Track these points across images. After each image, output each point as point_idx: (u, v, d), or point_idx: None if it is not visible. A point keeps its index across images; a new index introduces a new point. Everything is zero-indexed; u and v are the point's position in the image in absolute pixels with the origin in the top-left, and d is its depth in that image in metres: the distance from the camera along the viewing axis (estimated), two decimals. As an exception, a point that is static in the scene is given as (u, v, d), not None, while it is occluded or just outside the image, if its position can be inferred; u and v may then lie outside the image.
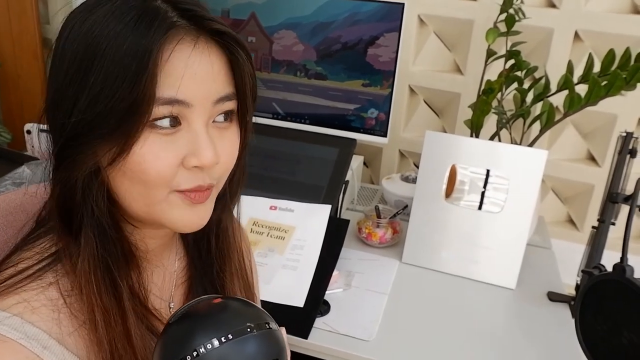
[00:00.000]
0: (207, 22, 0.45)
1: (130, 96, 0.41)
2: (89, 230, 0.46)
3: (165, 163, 0.44)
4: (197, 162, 0.45)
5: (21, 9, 1.73)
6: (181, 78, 0.43)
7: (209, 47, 0.45)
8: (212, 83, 0.45)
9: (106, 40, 0.42)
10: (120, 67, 0.41)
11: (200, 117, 0.45)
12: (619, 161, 1.01)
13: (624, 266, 0.76)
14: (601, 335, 0.78)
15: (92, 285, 0.45)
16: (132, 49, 0.41)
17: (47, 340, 0.43)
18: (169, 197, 0.46)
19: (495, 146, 1.09)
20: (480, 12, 1.37)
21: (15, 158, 1.13)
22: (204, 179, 0.46)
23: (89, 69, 0.42)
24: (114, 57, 0.41)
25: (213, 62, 0.45)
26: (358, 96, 1.28)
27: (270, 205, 1.13)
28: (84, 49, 0.43)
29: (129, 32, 0.42)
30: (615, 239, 1.06)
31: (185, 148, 0.45)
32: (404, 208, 1.27)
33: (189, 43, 0.44)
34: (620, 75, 0.99)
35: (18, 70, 1.80)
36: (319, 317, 0.96)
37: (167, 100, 0.43)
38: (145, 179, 0.44)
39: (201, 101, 0.45)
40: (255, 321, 0.40)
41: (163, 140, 0.44)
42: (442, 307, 1.03)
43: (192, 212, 0.47)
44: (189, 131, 0.45)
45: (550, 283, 1.12)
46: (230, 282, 0.59)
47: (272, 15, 1.28)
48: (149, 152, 0.43)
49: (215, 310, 0.41)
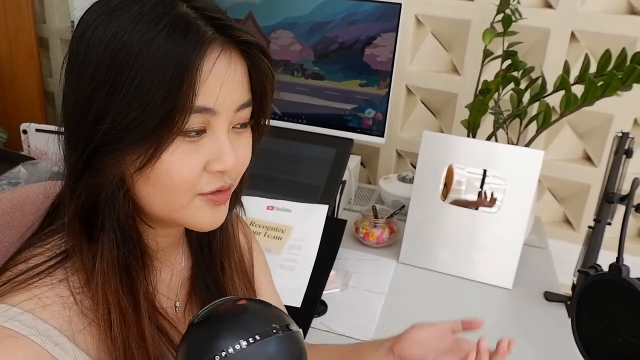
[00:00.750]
0: (236, 33, 0.45)
1: (165, 106, 0.42)
2: (111, 232, 0.47)
3: (191, 169, 0.45)
4: (221, 167, 0.46)
5: (17, 8, 1.72)
6: (219, 89, 0.44)
7: (234, 55, 0.46)
8: (236, 91, 0.46)
9: (137, 46, 0.42)
10: (155, 76, 0.41)
11: (224, 124, 0.46)
12: (615, 161, 1.01)
13: (620, 266, 0.77)
14: (597, 334, 0.78)
15: (110, 284, 0.46)
16: (167, 59, 0.41)
17: (58, 337, 0.43)
18: (194, 200, 0.47)
19: (492, 146, 1.09)
20: (477, 12, 1.38)
21: (11, 158, 1.12)
22: (225, 180, 0.48)
23: (120, 76, 0.42)
24: (147, 65, 0.41)
25: (237, 69, 0.46)
26: (355, 96, 1.28)
27: (268, 205, 1.13)
28: (113, 54, 0.42)
29: (161, 40, 0.42)
30: (612, 238, 1.06)
31: (209, 154, 0.46)
32: (401, 208, 1.27)
33: (225, 56, 0.45)
34: (616, 75, 1.00)
35: (14, 69, 1.79)
36: (317, 317, 0.96)
37: (197, 108, 0.44)
38: (170, 184, 0.45)
39: (226, 109, 0.46)
40: (279, 322, 0.41)
41: (191, 146, 0.45)
42: (439, 307, 1.03)
43: (215, 213, 0.49)
44: (212, 137, 0.46)
45: (546, 283, 1.12)
46: (230, 278, 0.59)
47: (269, 15, 1.28)
48: (177, 159, 0.44)
49: (240, 312, 0.41)
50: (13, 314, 0.43)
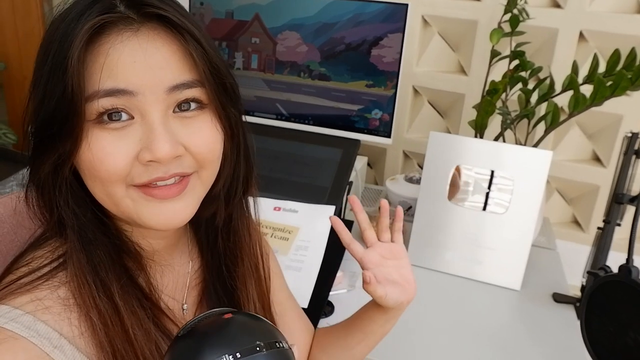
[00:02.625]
0: (146, 8, 0.43)
1: (64, 95, 0.40)
2: (71, 232, 0.46)
3: (115, 158, 0.43)
4: (150, 157, 0.43)
5: (26, 11, 1.74)
6: (116, 67, 0.41)
7: (156, 34, 0.43)
8: (161, 70, 0.43)
9: (55, 39, 0.42)
10: (56, 66, 0.41)
11: (154, 107, 0.43)
12: (625, 162, 1.01)
13: (630, 267, 0.76)
14: (607, 336, 0.78)
15: (84, 286, 0.45)
16: (65, 46, 0.40)
17: (57, 340, 0.43)
18: (128, 192, 0.45)
19: (499, 147, 1.09)
20: (484, 12, 1.37)
21: (20, 159, 1.14)
22: (165, 170, 0.44)
23: (42, 69, 0.42)
24: (56, 56, 0.41)
25: (158, 48, 0.43)
26: (362, 97, 1.28)
27: (274, 206, 1.13)
28: (43, 51, 0.43)
29: (70, 27, 0.41)
30: (621, 240, 1.06)
31: (139, 142, 0.43)
32: (408, 209, 1.27)
33: (126, 32, 0.42)
34: (626, 75, 0.99)
35: (24, 71, 1.81)
36: (323, 318, 0.96)
37: (106, 91, 0.41)
38: (98, 175, 0.43)
39: (148, 90, 0.42)
40: (266, 339, 0.39)
41: (112, 135, 0.43)
42: (447, 308, 1.03)
43: (163, 210, 0.45)
44: (142, 124, 0.43)
45: (555, 284, 1.11)
46: (242, 283, 0.57)
47: (276, 17, 1.28)
48: (98, 149, 0.42)
49: (224, 326, 0.40)
50: (14, 316, 0.43)
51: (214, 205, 0.53)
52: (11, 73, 1.82)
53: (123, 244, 0.49)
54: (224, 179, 0.52)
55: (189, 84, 0.44)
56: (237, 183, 0.53)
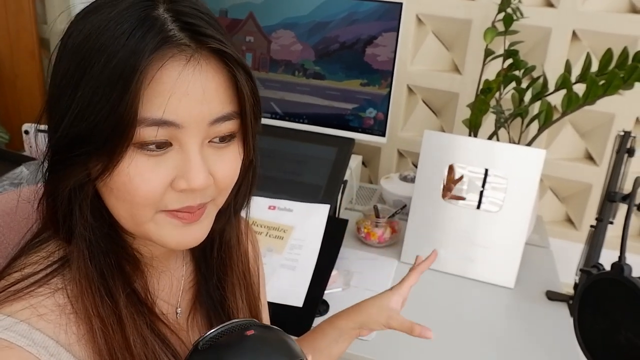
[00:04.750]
0: (205, 39, 0.42)
1: (113, 116, 0.39)
2: (80, 241, 0.45)
3: (153, 185, 0.42)
4: (186, 186, 0.43)
5: (18, 8, 1.72)
6: (168, 98, 0.40)
7: (206, 65, 0.42)
8: (207, 103, 0.42)
9: (97, 54, 0.40)
10: (106, 85, 0.39)
11: (193, 138, 0.43)
12: (617, 160, 1.01)
13: (622, 265, 0.77)
14: (599, 334, 0.78)
15: (88, 294, 0.45)
16: (120, 66, 0.39)
17: (54, 348, 0.43)
18: (156, 217, 0.45)
19: (493, 145, 1.09)
20: (478, 11, 1.37)
21: (13, 158, 1.12)
22: (194, 199, 0.45)
23: (79, 84, 0.40)
24: (102, 73, 0.39)
25: (209, 80, 0.42)
26: (356, 96, 1.28)
27: (269, 205, 1.13)
28: (78, 61, 0.41)
29: (120, 45, 0.39)
30: (614, 237, 1.06)
31: (175, 169, 0.43)
32: (402, 207, 1.27)
33: (181, 60, 0.41)
34: (618, 74, 1.00)
35: (15, 70, 1.79)
36: (318, 316, 0.96)
37: (153, 121, 0.40)
38: (130, 199, 0.43)
39: (194, 122, 0.42)
40: (289, 357, 0.39)
41: (151, 161, 0.42)
42: (441, 307, 1.03)
43: (184, 232, 0.46)
44: (180, 152, 0.43)
45: (548, 282, 1.12)
46: (231, 293, 0.57)
47: (270, 15, 1.28)
48: (136, 173, 0.42)
49: (248, 345, 0.39)
50: (8, 324, 0.42)
51: (222, 220, 0.54)
52: (2, 72, 1.80)
53: (124, 250, 0.49)
54: (236, 198, 0.53)
55: (230, 116, 0.44)
56: (243, 200, 0.55)
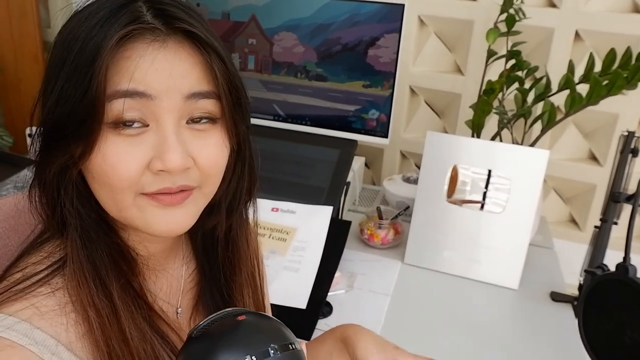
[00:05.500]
0: (175, 21, 0.43)
1: (85, 98, 0.41)
2: (72, 230, 0.46)
3: (129, 166, 0.43)
4: (161, 166, 0.43)
5: (22, 13, 1.73)
6: (134, 71, 0.42)
7: (177, 46, 0.44)
8: (182, 78, 0.43)
9: (75, 43, 0.42)
10: (79, 70, 0.41)
11: (169, 114, 0.43)
12: (621, 161, 1.01)
13: (627, 266, 0.76)
14: (604, 335, 0.78)
15: (83, 285, 0.45)
16: (91, 50, 0.41)
17: (55, 347, 0.43)
18: (137, 201, 0.45)
19: (496, 146, 1.09)
20: (480, 12, 1.37)
21: (17, 162, 1.13)
22: (173, 181, 0.45)
23: (59, 74, 0.43)
24: (75, 59, 0.42)
25: (182, 60, 0.44)
26: (359, 97, 1.28)
27: (272, 207, 1.13)
28: (60, 54, 0.43)
29: (94, 33, 0.41)
30: (618, 238, 1.06)
31: (152, 150, 0.43)
32: (405, 209, 1.27)
33: (149, 40, 0.43)
34: (622, 74, 0.99)
35: (19, 74, 1.80)
36: (322, 318, 0.96)
37: (120, 93, 0.42)
38: (109, 182, 0.43)
39: (168, 95, 0.43)
40: (279, 342, 0.39)
41: (128, 142, 0.43)
42: (445, 308, 1.03)
43: (166, 215, 0.46)
44: (157, 132, 0.43)
45: (552, 283, 1.12)
46: (239, 293, 0.57)
47: (272, 17, 1.28)
48: (112, 154, 0.42)
49: (238, 328, 0.40)
50: (10, 324, 0.42)
51: (216, 217, 0.54)
52: (6, 76, 1.81)
53: (119, 247, 0.49)
54: (227, 192, 0.53)
55: (206, 94, 0.45)
56: (240, 196, 0.54)
